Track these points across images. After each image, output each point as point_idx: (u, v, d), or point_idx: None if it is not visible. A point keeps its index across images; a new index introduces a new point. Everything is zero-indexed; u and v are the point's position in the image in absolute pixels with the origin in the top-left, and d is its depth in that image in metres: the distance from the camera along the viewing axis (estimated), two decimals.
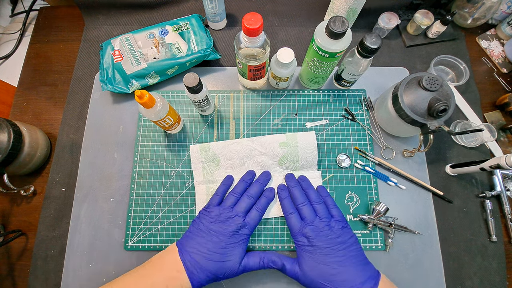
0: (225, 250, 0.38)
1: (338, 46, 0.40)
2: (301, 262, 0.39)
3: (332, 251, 0.38)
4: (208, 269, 0.37)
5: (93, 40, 0.59)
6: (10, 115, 0.55)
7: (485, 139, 0.49)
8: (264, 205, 0.44)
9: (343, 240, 0.39)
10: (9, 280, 0.46)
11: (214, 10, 0.54)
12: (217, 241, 0.39)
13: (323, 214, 0.42)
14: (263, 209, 0.44)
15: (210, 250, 0.38)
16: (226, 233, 0.39)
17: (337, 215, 0.42)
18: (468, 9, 0.56)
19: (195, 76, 0.41)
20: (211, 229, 0.40)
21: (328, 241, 0.39)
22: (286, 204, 0.44)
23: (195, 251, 0.38)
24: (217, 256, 0.38)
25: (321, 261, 0.38)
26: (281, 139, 0.48)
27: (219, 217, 0.41)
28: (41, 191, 0.50)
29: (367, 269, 0.38)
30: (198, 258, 0.37)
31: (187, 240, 0.39)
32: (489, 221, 0.47)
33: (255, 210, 0.43)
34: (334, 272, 0.37)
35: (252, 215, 0.42)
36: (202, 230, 0.40)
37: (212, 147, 0.48)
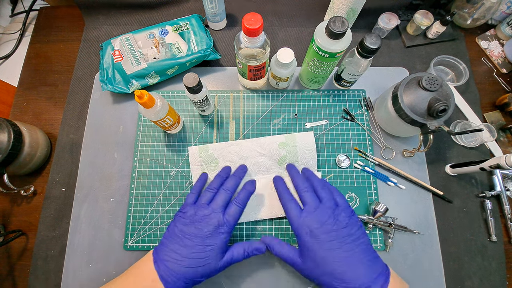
0: (203, 253, 0.35)
1: (338, 46, 0.40)
2: (303, 256, 0.36)
3: (338, 245, 0.34)
4: (185, 276, 0.34)
5: (93, 40, 0.59)
6: (10, 115, 0.55)
7: (484, 139, 0.49)
8: (243, 198, 0.41)
9: (350, 232, 0.35)
10: (9, 280, 0.46)
11: (214, 10, 0.54)
12: (192, 245, 0.36)
13: (328, 200, 0.37)
14: (243, 203, 0.40)
15: (185, 257, 0.35)
16: (203, 235, 0.36)
17: (342, 203, 0.38)
18: (467, 10, 0.56)
19: (195, 76, 0.42)
20: (186, 233, 0.37)
21: (334, 234, 0.35)
22: (283, 191, 0.41)
23: (170, 259, 0.35)
24: (193, 262, 0.35)
25: (326, 255, 0.34)
26: (280, 139, 0.48)
27: (195, 216, 0.38)
28: (41, 191, 0.50)
29: (376, 264, 0.34)
30: (172, 266, 0.34)
31: (162, 248, 0.37)
32: (489, 221, 0.47)
33: (234, 204, 0.40)
34: (341, 269, 0.33)
35: (231, 211, 0.39)
36: (176, 234, 0.37)
37: (211, 149, 0.48)
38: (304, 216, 0.37)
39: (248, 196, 0.41)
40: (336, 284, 0.33)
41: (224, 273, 0.44)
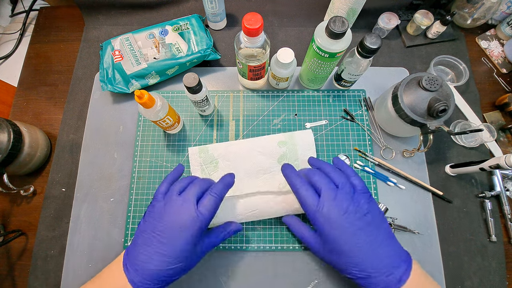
0: (172, 252, 0.32)
1: (338, 46, 0.40)
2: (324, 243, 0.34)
3: (360, 234, 0.32)
4: (155, 277, 0.31)
5: (93, 40, 0.59)
6: (10, 115, 0.55)
7: (484, 139, 0.49)
8: (220, 190, 0.36)
9: (371, 219, 0.33)
10: (9, 280, 0.46)
11: (214, 10, 0.54)
12: (161, 242, 0.32)
13: (344, 185, 0.34)
14: (220, 194, 0.36)
15: (153, 257, 0.32)
16: (172, 231, 0.32)
17: (360, 185, 0.35)
18: (467, 10, 0.56)
19: (195, 76, 0.42)
20: (154, 229, 0.33)
21: (355, 223, 0.32)
22: (295, 177, 0.37)
23: (138, 261, 0.32)
24: (163, 263, 0.32)
25: (347, 245, 0.32)
26: (280, 138, 0.48)
27: (164, 208, 0.34)
28: (41, 191, 0.50)
29: (398, 251, 0.33)
30: (141, 268, 0.31)
31: (131, 248, 0.34)
32: (488, 221, 0.47)
33: (209, 194, 0.35)
34: (364, 255, 0.32)
35: (205, 202, 0.34)
36: (145, 232, 0.33)
37: (211, 149, 0.48)
38: (322, 206, 0.33)
39: (226, 189, 0.37)
40: (356, 272, 0.32)
41: (224, 274, 0.44)
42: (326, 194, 0.34)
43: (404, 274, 0.31)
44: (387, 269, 0.31)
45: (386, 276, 0.31)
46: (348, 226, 0.32)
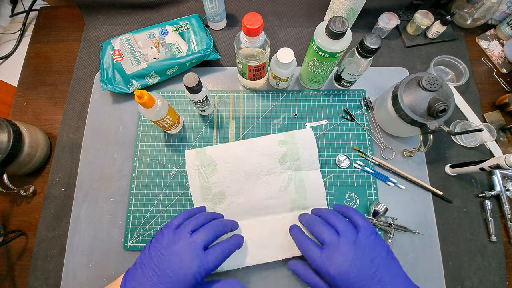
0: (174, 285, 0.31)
1: (338, 46, 0.40)
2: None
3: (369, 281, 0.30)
4: None
5: (93, 40, 0.59)
6: (10, 115, 0.55)
7: (484, 139, 0.49)
8: (231, 247, 0.36)
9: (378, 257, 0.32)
10: (9, 280, 0.46)
11: (214, 10, 0.54)
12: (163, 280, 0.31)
13: (345, 232, 0.33)
14: (228, 252, 0.35)
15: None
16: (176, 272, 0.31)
17: (363, 225, 0.34)
18: (467, 10, 0.56)
19: (195, 76, 0.42)
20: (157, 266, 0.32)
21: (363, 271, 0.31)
22: (300, 237, 0.37)
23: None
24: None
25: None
26: (279, 137, 0.47)
27: (172, 243, 0.33)
28: (41, 191, 0.50)
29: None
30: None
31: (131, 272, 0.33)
32: (488, 221, 0.47)
33: (220, 248, 0.34)
34: None
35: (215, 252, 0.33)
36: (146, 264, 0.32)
37: (208, 151, 0.47)
38: (325, 257, 0.32)
39: (232, 250, 0.37)
40: None
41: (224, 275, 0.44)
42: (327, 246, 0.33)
43: None
44: None
45: None
46: (355, 276, 0.31)
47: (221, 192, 0.46)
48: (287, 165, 0.47)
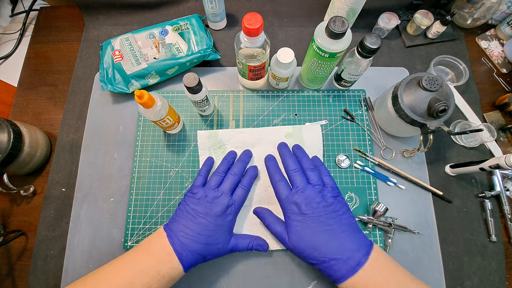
0: (214, 231, 0.38)
1: (338, 46, 0.40)
2: (290, 231, 0.38)
3: (323, 219, 0.37)
4: (197, 251, 0.37)
5: (93, 40, 0.59)
6: (10, 115, 0.55)
7: (484, 139, 0.49)
8: (248, 182, 0.44)
9: (335, 208, 0.38)
10: (9, 280, 0.46)
11: (214, 10, 0.54)
12: (205, 222, 0.38)
13: (316, 181, 0.40)
14: (248, 187, 0.44)
15: (198, 233, 0.37)
16: (213, 214, 0.39)
17: (330, 183, 0.41)
18: (467, 10, 0.56)
19: (195, 76, 0.42)
20: (198, 211, 0.39)
21: (320, 210, 0.37)
22: (274, 172, 0.43)
23: (184, 234, 0.37)
24: (205, 238, 0.37)
25: (311, 229, 0.37)
26: (288, 130, 0.49)
27: (205, 198, 0.40)
28: (41, 191, 0.50)
29: (359, 238, 0.36)
30: (187, 241, 0.37)
31: (174, 224, 0.39)
32: (488, 221, 0.47)
33: (241, 188, 0.43)
34: (325, 241, 0.36)
35: (238, 193, 0.42)
36: (189, 212, 0.39)
37: (220, 134, 0.49)
38: (293, 195, 0.39)
39: (252, 180, 0.45)
40: (319, 256, 0.35)
41: (224, 274, 0.44)
42: (296, 188, 0.40)
43: (363, 257, 0.34)
44: (347, 253, 0.34)
45: (345, 260, 0.34)
46: (311, 213, 0.37)
47: None
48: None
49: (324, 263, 0.35)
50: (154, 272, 0.35)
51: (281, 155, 0.45)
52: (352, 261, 0.34)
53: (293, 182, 0.41)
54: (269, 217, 0.42)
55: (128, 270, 0.35)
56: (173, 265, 0.35)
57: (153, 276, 0.34)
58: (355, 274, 0.33)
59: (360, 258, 0.34)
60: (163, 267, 0.35)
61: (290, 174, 0.42)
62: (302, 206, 0.38)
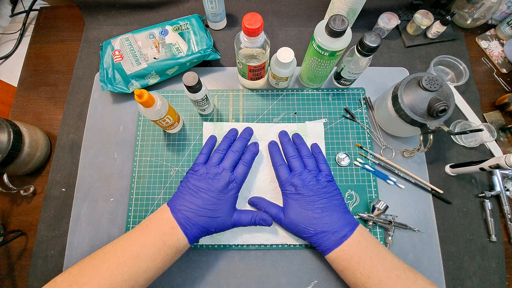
0: (215, 206, 0.39)
1: (338, 45, 0.40)
2: (287, 208, 0.42)
3: (316, 198, 0.41)
4: (200, 224, 0.38)
5: (93, 40, 0.59)
6: (10, 115, 0.55)
7: (484, 139, 0.49)
8: (249, 159, 0.45)
9: (327, 190, 0.42)
10: (9, 280, 0.46)
11: (214, 10, 0.54)
12: (207, 197, 0.39)
13: (312, 167, 0.44)
14: (249, 163, 0.45)
15: (201, 207, 0.39)
16: (215, 189, 0.40)
17: (325, 170, 0.44)
18: (467, 10, 0.56)
19: (194, 75, 0.42)
20: (200, 187, 0.40)
21: (314, 190, 0.41)
22: (276, 156, 0.46)
23: (186, 208, 0.38)
24: (207, 212, 0.39)
25: (306, 207, 0.41)
26: (292, 127, 0.50)
27: (207, 175, 0.41)
28: (41, 191, 0.50)
29: (347, 217, 0.41)
30: (189, 215, 0.38)
31: (177, 199, 0.40)
32: (488, 221, 0.47)
33: (242, 164, 0.44)
34: (317, 216, 0.40)
35: (239, 170, 0.43)
36: (191, 188, 0.40)
37: (226, 127, 0.50)
38: (291, 178, 0.43)
39: (253, 157, 0.46)
40: (311, 230, 0.40)
41: (224, 274, 0.44)
42: (294, 171, 0.43)
43: (349, 232, 0.39)
44: (335, 227, 0.39)
45: (333, 233, 0.39)
46: (306, 192, 0.41)
47: None
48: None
49: (315, 236, 0.39)
50: (160, 243, 0.36)
51: (282, 142, 0.48)
52: (338, 234, 0.39)
53: (292, 167, 0.44)
54: (264, 202, 0.45)
55: (135, 242, 0.36)
56: (178, 237, 0.37)
57: (159, 248, 0.36)
58: (341, 245, 0.38)
59: (346, 232, 0.39)
60: (168, 239, 0.37)
61: (289, 160, 0.45)
62: (298, 187, 0.42)
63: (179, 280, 0.44)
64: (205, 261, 0.45)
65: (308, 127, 0.50)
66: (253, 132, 0.48)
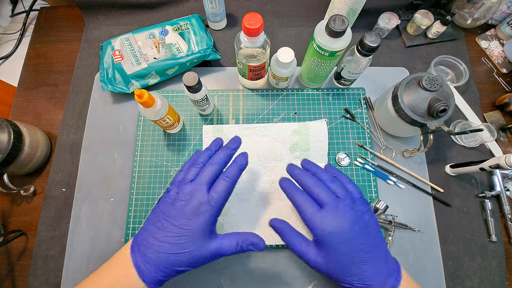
0: (182, 237, 0.31)
1: (338, 45, 0.40)
2: (320, 252, 0.33)
3: (358, 241, 0.32)
4: (163, 264, 0.30)
5: (93, 40, 0.59)
6: (10, 115, 0.55)
7: (484, 139, 0.49)
8: (234, 173, 0.35)
9: (371, 229, 0.33)
10: (9, 280, 0.46)
11: (214, 10, 0.54)
12: (170, 227, 0.31)
13: (342, 193, 0.35)
14: (233, 177, 0.35)
15: (162, 241, 0.31)
16: (184, 215, 0.31)
17: (356, 193, 0.35)
18: (468, 9, 0.56)
19: (194, 75, 0.42)
20: (167, 214, 0.32)
21: (355, 229, 0.32)
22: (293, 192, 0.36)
23: (146, 244, 0.31)
24: (171, 247, 0.30)
25: (345, 252, 0.32)
26: (294, 127, 0.49)
27: (177, 195, 0.33)
28: (41, 191, 0.50)
29: (390, 259, 0.34)
30: (148, 253, 0.30)
31: (141, 232, 0.33)
32: (488, 221, 0.47)
33: (222, 179, 0.34)
34: (360, 264, 0.32)
35: (218, 187, 0.33)
36: (157, 217, 0.33)
37: (225, 129, 0.50)
38: (324, 217, 0.33)
39: (240, 171, 0.36)
40: (353, 281, 0.32)
41: (224, 274, 0.44)
42: (327, 207, 0.34)
43: (396, 280, 0.32)
44: (383, 277, 0.32)
45: (382, 284, 0.31)
46: (351, 237, 0.32)
47: None
48: (296, 154, 0.49)
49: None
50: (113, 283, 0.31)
51: (294, 176, 0.38)
52: (389, 285, 0.31)
53: (318, 198, 0.35)
54: (288, 230, 0.37)
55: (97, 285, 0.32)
56: (132, 281, 0.30)
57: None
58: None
59: (393, 283, 0.32)
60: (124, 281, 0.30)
61: (312, 191, 0.35)
62: (337, 230, 0.32)
63: (180, 280, 0.44)
64: None
65: (310, 126, 0.50)
66: (241, 142, 0.39)
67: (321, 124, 0.50)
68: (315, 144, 0.49)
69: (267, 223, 0.45)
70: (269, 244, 0.44)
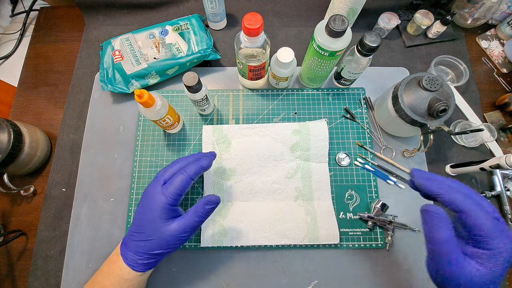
0: (145, 226, 0.36)
1: (338, 45, 0.40)
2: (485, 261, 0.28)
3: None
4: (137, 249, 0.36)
5: (93, 40, 0.59)
6: (10, 115, 0.55)
7: (485, 139, 0.49)
8: (192, 168, 0.37)
9: None
10: (9, 280, 0.46)
11: (214, 10, 0.54)
12: (137, 221, 0.37)
13: (498, 215, 0.28)
14: (190, 172, 0.37)
15: (134, 232, 0.37)
16: (144, 209, 0.36)
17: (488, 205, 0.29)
18: (468, 9, 0.56)
19: (194, 75, 0.42)
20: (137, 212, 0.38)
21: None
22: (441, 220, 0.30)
23: (128, 237, 0.38)
24: (139, 236, 0.36)
25: None
26: (294, 127, 0.49)
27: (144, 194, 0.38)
28: (41, 191, 0.50)
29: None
30: (127, 242, 0.37)
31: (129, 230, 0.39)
32: None
33: (180, 173, 0.37)
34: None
35: (172, 179, 0.37)
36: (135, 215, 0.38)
37: (225, 130, 0.49)
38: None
39: (199, 169, 0.38)
40: None
41: (224, 274, 0.44)
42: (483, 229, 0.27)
43: None
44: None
45: None
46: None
47: (231, 169, 0.48)
48: (297, 154, 0.48)
49: None
50: (105, 270, 0.38)
51: (419, 179, 0.32)
52: None
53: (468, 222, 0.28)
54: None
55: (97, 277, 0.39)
56: (120, 265, 0.36)
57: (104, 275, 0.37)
58: None
59: None
60: (112, 267, 0.37)
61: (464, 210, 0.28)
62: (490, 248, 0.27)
63: (180, 280, 0.44)
64: (206, 261, 0.45)
65: (311, 126, 0.49)
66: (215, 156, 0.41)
67: (321, 124, 0.49)
68: (315, 144, 0.48)
69: (267, 223, 0.45)
70: (269, 244, 0.44)
